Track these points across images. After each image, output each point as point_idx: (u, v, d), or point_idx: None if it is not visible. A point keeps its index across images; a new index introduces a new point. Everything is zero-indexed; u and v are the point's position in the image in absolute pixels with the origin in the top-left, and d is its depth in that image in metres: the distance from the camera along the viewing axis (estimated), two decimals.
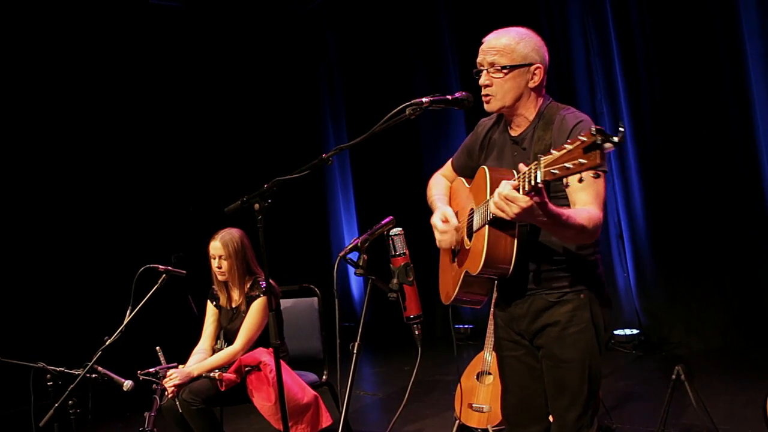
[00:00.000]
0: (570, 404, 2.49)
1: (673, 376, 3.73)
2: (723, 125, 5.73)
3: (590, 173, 1.89)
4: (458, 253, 2.62)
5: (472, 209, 2.52)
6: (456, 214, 2.68)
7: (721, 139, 5.74)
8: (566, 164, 1.88)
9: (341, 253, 2.27)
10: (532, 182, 2.01)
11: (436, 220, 2.64)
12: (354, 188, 8.93)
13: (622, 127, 1.81)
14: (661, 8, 5.96)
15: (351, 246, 2.31)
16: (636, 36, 6.17)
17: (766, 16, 5.38)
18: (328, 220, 9.25)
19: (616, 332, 6.38)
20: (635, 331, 6.31)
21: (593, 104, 6.52)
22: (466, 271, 2.49)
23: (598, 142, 1.80)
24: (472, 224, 2.50)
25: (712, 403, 3.96)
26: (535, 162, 2.00)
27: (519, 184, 2.09)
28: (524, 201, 2.08)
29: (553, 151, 1.93)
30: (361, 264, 2.28)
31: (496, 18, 6.84)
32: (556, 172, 1.91)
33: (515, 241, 2.35)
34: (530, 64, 2.47)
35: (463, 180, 2.76)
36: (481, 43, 2.54)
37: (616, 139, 1.79)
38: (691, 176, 5.89)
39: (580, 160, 1.84)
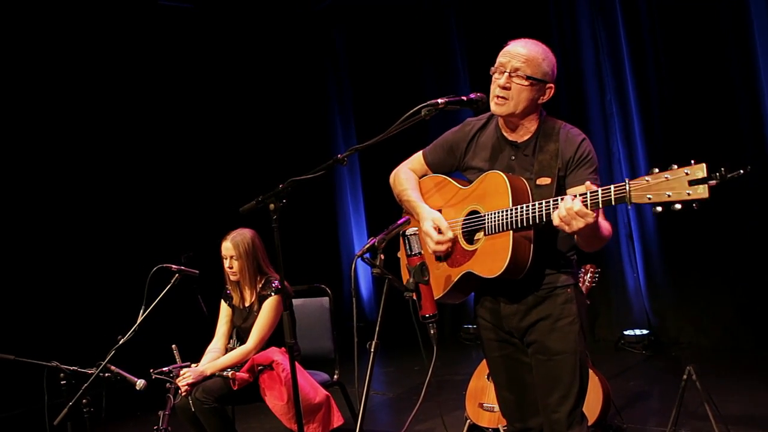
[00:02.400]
0: (563, 397, 2.54)
1: (684, 377, 3.74)
2: (733, 124, 5.72)
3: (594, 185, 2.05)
4: (450, 253, 2.64)
5: (474, 212, 2.57)
6: (438, 212, 2.70)
7: (731, 138, 5.73)
8: (668, 192, 2.01)
9: (358, 253, 2.29)
10: (613, 202, 2.15)
11: (429, 230, 2.63)
12: (363, 188, 8.94)
13: (744, 170, 1.98)
14: (671, 8, 5.95)
15: (368, 246, 2.32)
16: (646, 36, 6.17)
17: None
18: (338, 221, 9.25)
19: (625, 332, 6.39)
20: (645, 332, 6.32)
21: (603, 105, 6.52)
22: (469, 272, 2.54)
23: (707, 176, 1.96)
24: (476, 227, 2.55)
25: (723, 402, 3.96)
26: (620, 184, 2.12)
27: (587, 201, 2.21)
28: (592, 216, 2.22)
29: (647, 178, 2.05)
30: (378, 263, 2.29)
31: (506, 18, 6.95)
32: (651, 197, 2.05)
33: (532, 246, 2.43)
34: (546, 82, 2.55)
35: (450, 179, 2.77)
36: (505, 44, 2.58)
37: (728, 175, 1.94)
38: None
39: (688, 191, 1.99)
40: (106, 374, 3.47)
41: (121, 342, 3.51)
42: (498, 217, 2.45)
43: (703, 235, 5.97)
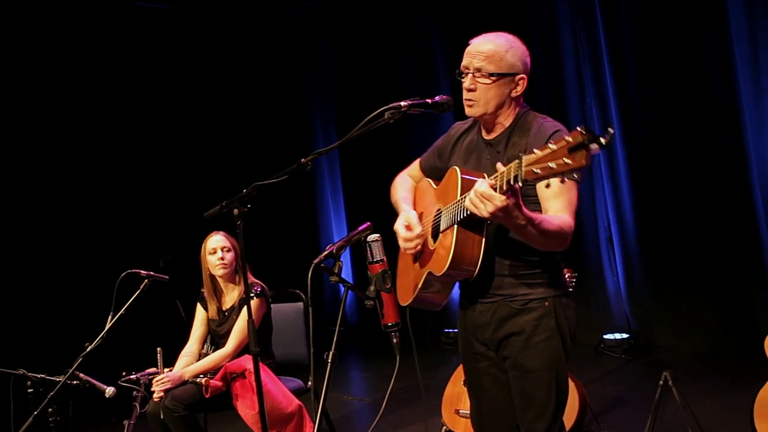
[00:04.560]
0: (538, 415, 2.45)
1: (661, 382, 3.71)
2: (712, 128, 5.72)
3: (557, 180, 1.90)
4: (421, 254, 2.58)
5: (439, 210, 2.50)
6: (420, 215, 2.65)
7: (711, 142, 5.73)
8: (550, 164, 1.85)
9: (315, 261, 2.24)
10: (512, 181, 1.99)
11: (399, 227, 2.59)
12: (343, 191, 8.90)
13: (611, 128, 1.80)
14: (650, 12, 5.95)
15: (326, 253, 2.28)
16: (626, 40, 6.16)
17: (754, 18, 5.38)
18: (318, 224, 9.21)
19: (605, 336, 6.36)
20: (625, 336, 6.30)
21: (583, 108, 6.51)
22: (429, 272, 2.46)
23: (586, 142, 1.78)
24: (438, 225, 2.47)
25: (700, 407, 3.95)
26: (517, 161, 1.97)
27: (496, 183, 2.06)
28: (500, 200, 2.06)
29: (536, 151, 1.91)
30: (336, 271, 2.24)
31: (485, 21, 6.92)
32: (539, 171, 1.89)
33: (483, 243, 2.32)
34: (515, 74, 2.45)
35: (431, 181, 2.73)
36: (468, 44, 2.50)
37: (603, 140, 1.78)
38: (681, 180, 5.89)
39: (565, 160, 1.82)
40: (75, 382, 3.40)
41: (89, 349, 3.45)
42: (447, 212, 2.39)
43: (683, 239, 5.97)
